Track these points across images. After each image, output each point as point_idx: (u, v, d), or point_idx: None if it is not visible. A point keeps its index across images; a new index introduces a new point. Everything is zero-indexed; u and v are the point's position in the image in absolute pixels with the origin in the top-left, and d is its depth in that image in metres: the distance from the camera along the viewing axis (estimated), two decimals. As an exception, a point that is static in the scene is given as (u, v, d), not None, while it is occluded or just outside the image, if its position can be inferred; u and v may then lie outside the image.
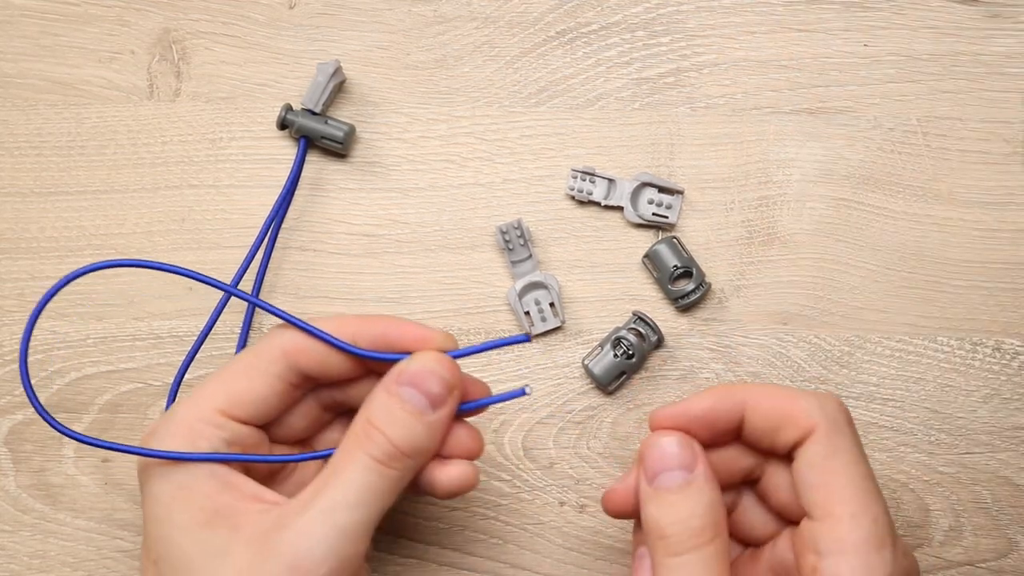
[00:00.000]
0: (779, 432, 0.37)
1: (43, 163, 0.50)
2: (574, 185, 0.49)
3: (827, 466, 0.36)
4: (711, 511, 0.36)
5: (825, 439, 0.36)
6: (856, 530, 0.35)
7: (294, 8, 0.51)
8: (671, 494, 0.37)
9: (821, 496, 0.36)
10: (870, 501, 0.36)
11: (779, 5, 0.51)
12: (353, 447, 0.37)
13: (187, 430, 0.37)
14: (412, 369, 0.38)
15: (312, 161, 0.50)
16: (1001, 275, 0.49)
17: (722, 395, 0.38)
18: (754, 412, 0.38)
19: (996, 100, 0.50)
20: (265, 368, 0.38)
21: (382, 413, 0.37)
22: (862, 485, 0.36)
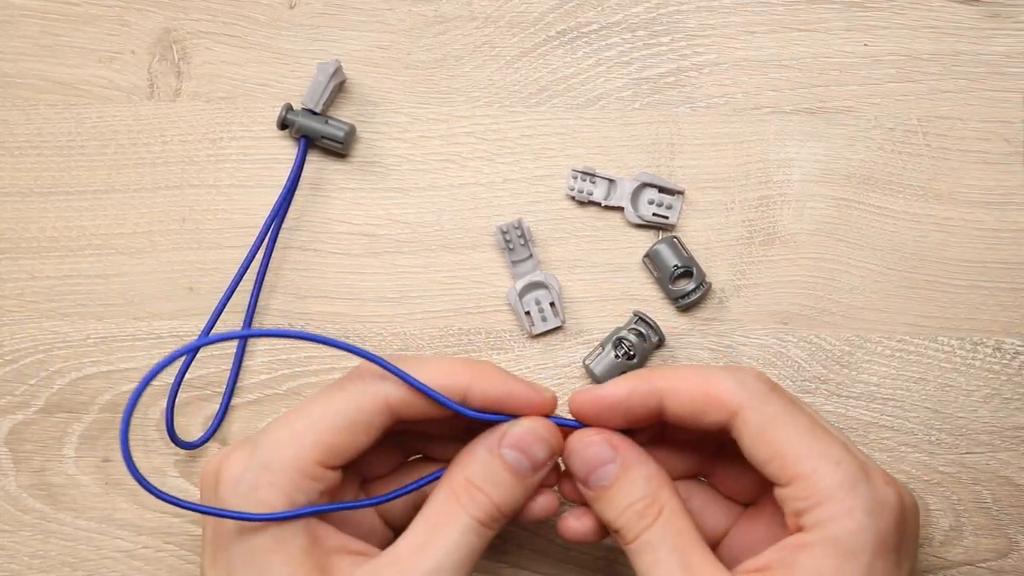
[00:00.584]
0: (704, 416, 0.37)
1: (43, 163, 0.50)
2: (574, 185, 0.49)
3: (768, 437, 0.36)
4: (648, 490, 0.37)
5: (755, 412, 0.36)
6: (822, 480, 0.35)
7: (294, 8, 0.51)
8: (607, 490, 0.37)
9: (777, 466, 0.36)
10: (825, 448, 0.36)
11: (779, 5, 0.51)
12: (455, 507, 0.36)
13: (287, 482, 0.36)
14: (519, 433, 0.37)
15: (312, 161, 0.50)
16: (1001, 275, 0.49)
17: (638, 383, 0.38)
18: (673, 400, 0.38)
19: (996, 100, 0.50)
20: (368, 421, 0.37)
21: (486, 474, 0.37)
22: (811, 439, 0.36)
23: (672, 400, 0.38)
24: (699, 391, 0.37)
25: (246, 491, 0.36)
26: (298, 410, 0.37)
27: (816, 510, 0.35)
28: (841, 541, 0.35)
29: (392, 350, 0.49)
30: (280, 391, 0.49)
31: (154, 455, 0.49)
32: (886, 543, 0.35)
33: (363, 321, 0.49)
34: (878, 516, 0.35)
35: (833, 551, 0.35)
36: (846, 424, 0.48)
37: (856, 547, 0.34)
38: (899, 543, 0.35)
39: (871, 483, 0.36)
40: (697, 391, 0.37)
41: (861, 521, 0.35)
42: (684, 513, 0.37)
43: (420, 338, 0.49)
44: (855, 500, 0.35)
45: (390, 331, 0.49)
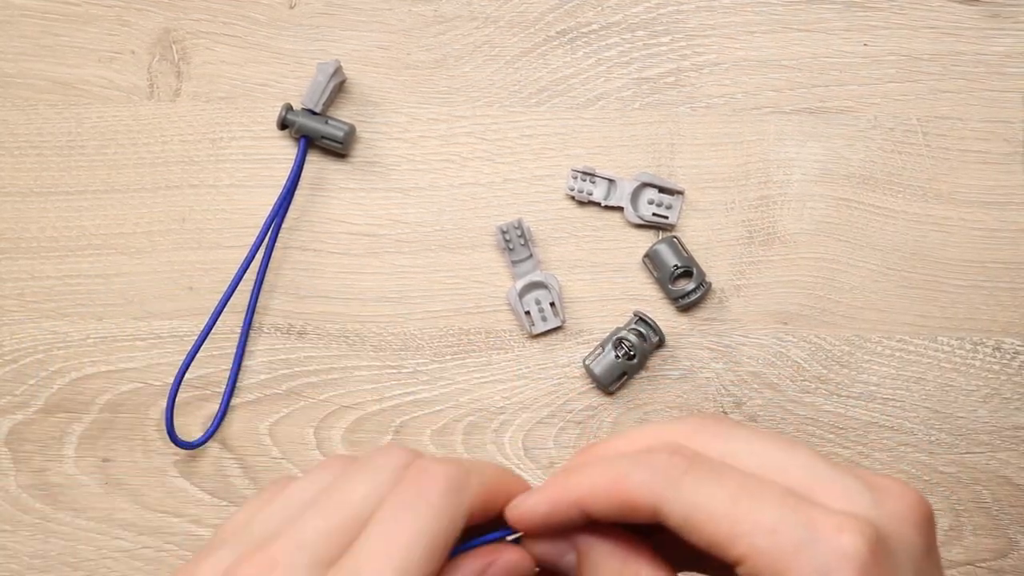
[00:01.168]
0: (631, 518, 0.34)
1: (43, 163, 0.50)
2: (574, 185, 0.49)
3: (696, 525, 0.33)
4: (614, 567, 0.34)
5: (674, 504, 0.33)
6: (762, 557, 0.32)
7: (294, 8, 0.51)
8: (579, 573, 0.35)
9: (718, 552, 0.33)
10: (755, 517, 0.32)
11: (779, 5, 0.51)
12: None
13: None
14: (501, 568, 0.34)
15: (312, 161, 0.50)
16: (1001, 275, 0.49)
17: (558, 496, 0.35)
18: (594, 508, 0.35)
19: (996, 100, 0.50)
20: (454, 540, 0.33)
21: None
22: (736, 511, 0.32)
23: (593, 510, 0.34)
24: (613, 497, 0.34)
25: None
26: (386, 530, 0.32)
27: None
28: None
29: (392, 350, 0.49)
30: (280, 391, 0.49)
31: (154, 455, 0.49)
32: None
33: (363, 321, 0.49)
34: (836, 572, 0.31)
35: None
36: (846, 424, 0.48)
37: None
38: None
39: (819, 539, 0.32)
40: (611, 497, 0.34)
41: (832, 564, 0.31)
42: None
43: (420, 338, 0.49)
44: (802, 566, 0.31)
45: (390, 331, 0.49)
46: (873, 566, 0.32)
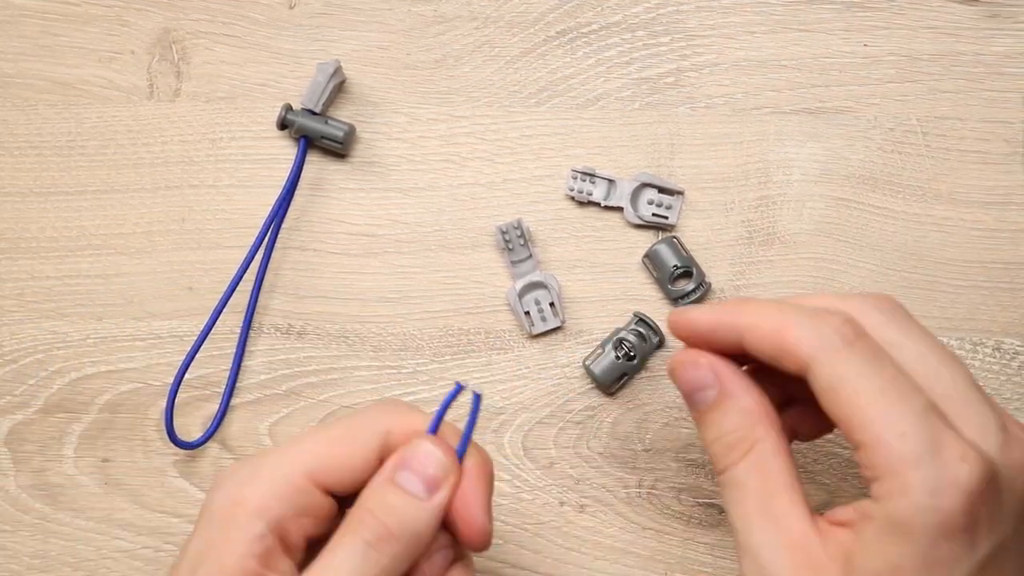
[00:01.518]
0: (780, 362, 0.36)
1: (43, 163, 0.50)
2: (574, 186, 0.49)
3: (837, 397, 0.34)
4: (740, 423, 0.36)
5: (826, 368, 0.34)
6: (883, 452, 0.33)
7: (294, 8, 0.51)
8: (707, 413, 0.37)
9: (845, 428, 0.34)
10: (893, 417, 0.33)
11: (779, 5, 0.51)
12: (345, 531, 0.36)
13: (268, 484, 0.36)
14: (409, 453, 0.37)
15: (312, 161, 0.50)
16: (1001, 275, 0.49)
17: (722, 316, 0.37)
18: (751, 340, 0.36)
19: (996, 100, 0.50)
20: (364, 440, 0.37)
21: (377, 497, 0.36)
22: (879, 404, 0.33)
23: (750, 340, 0.36)
24: (775, 336, 0.35)
25: (229, 487, 0.36)
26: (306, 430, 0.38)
27: (878, 483, 0.33)
28: (897, 521, 0.33)
29: (392, 350, 0.49)
30: (280, 391, 0.49)
31: (154, 455, 0.49)
32: (950, 525, 0.32)
33: (363, 321, 0.49)
34: (942, 496, 0.32)
35: (890, 529, 0.33)
36: (846, 424, 0.48)
37: (913, 529, 0.32)
38: (972, 522, 0.33)
39: (939, 459, 0.33)
40: (773, 336, 0.35)
41: (919, 502, 0.32)
42: (779, 453, 0.35)
43: (420, 338, 0.49)
44: (916, 479, 0.32)
45: (390, 331, 0.49)
46: (979, 501, 0.33)
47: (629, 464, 0.48)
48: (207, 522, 0.36)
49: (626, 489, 0.48)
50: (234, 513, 0.35)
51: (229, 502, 0.35)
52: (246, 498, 0.35)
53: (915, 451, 0.33)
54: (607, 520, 0.48)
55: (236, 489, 0.36)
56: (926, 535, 0.32)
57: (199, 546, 0.35)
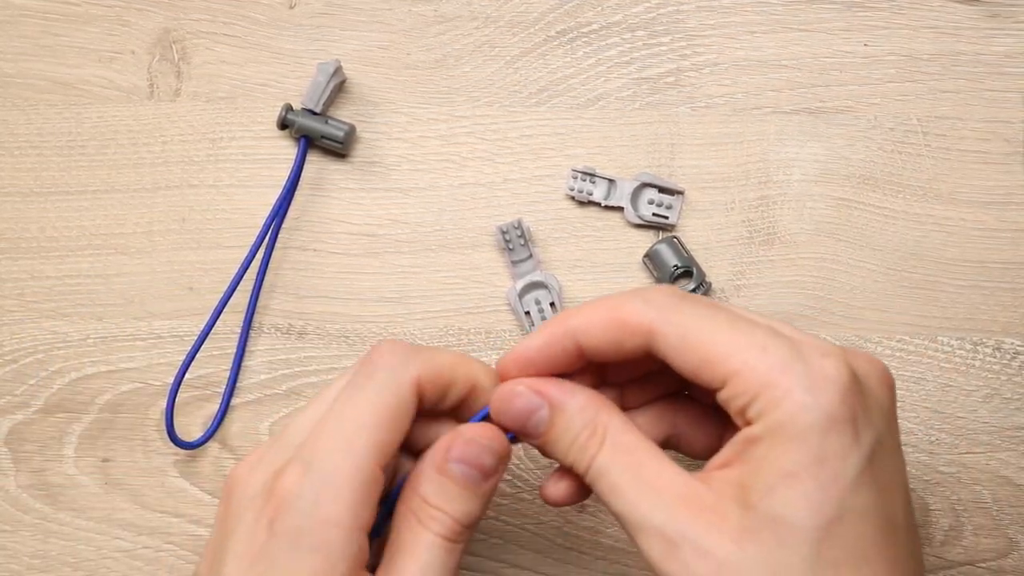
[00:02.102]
0: (622, 345, 0.36)
1: (43, 163, 0.50)
2: (574, 186, 0.49)
3: (689, 344, 0.35)
4: (584, 420, 0.36)
5: (669, 325, 0.35)
6: (753, 370, 0.34)
7: (294, 8, 0.51)
8: (546, 436, 0.37)
9: (707, 372, 0.34)
10: (749, 338, 0.34)
11: (779, 5, 0.51)
12: (418, 528, 0.35)
13: (352, 495, 0.34)
14: (463, 446, 0.36)
15: (312, 161, 0.50)
16: (1001, 275, 0.49)
17: (552, 328, 0.37)
18: (588, 336, 0.36)
19: (996, 100, 0.50)
20: (408, 408, 0.36)
21: (439, 491, 0.36)
22: (732, 333, 0.34)
23: (587, 337, 0.36)
24: (610, 321, 0.36)
25: (309, 509, 0.33)
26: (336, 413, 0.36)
27: (756, 402, 0.33)
28: (785, 426, 0.33)
29: (392, 350, 0.49)
30: (280, 391, 0.49)
31: (154, 455, 0.49)
32: (834, 417, 0.33)
33: (363, 321, 0.49)
34: (819, 392, 0.33)
35: (780, 438, 0.33)
36: (846, 424, 0.48)
37: (801, 429, 0.33)
38: (852, 414, 0.33)
39: (805, 360, 0.34)
40: (609, 324, 0.36)
41: (800, 401, 0.33)
42: (628, 428, 0.36)
43: (420, 338, 0.49)
44: (790, 381, 0.33)
45: (390, 331, 0.49)
46: (853, 395, 0.33)
47: (629, 464, 0.48)
48: (291, 547, 0.33)
49: (626, 489, 0.48)
50: (331, 536, 0.33)
51: (320, 524, 0.33)
52: (341, 515, 0.34)
53: (782, 359, 0.33)
54: (607, 520, 0.48)
55: (320, 509, 0.33)
56: (812, 433, 0.33)
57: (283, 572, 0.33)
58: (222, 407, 0.48)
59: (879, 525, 0.33)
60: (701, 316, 0.35)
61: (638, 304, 0.35)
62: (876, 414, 0.34)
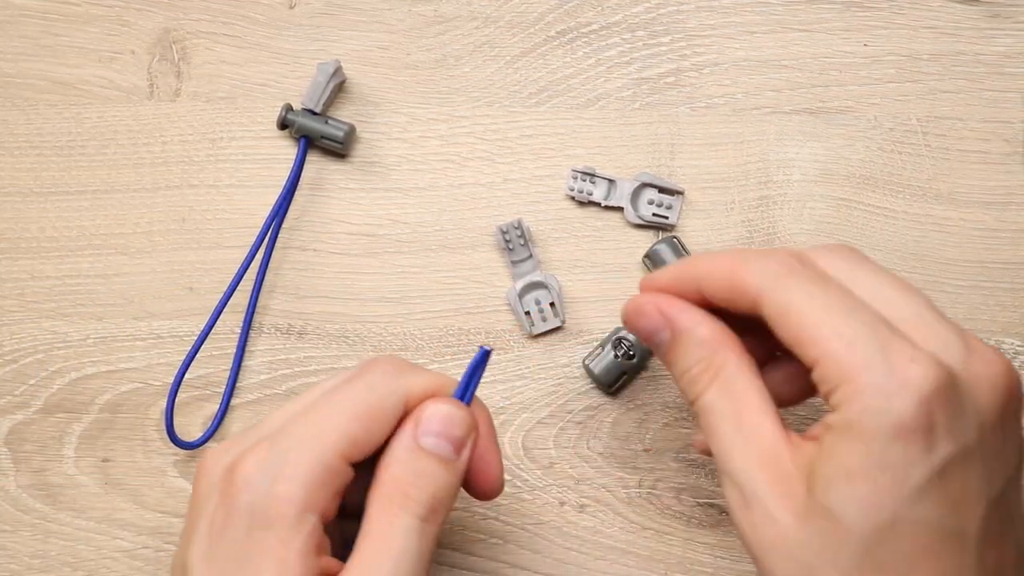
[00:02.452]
0: (735, 303, 0.36)
1: (43, 163, 0.50)
2: (574, 186, 0.49)
3: (787, 322, 0.35)
4: (701, 354, 0.37)
5: (773, 296, 0.35)
6: (835, 362, 0.34)
7: (294, 8, 0.51)
8: (668, 354, 0.38)
9: (799, 351, 0.35)
10: (840, 328, 0.34)
11: (779, 5, 0.51)
12: (392, 511, 0.35)
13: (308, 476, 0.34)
14: (430, 418, 0.36)
15: (312, 161, 0.50)
16: (1001, 275, 0.49)
17: (681, 271, 0.38)
18: (709, 287, 0.37)
19: (996, 100, 0.50)
20: (390, 412, 0.36)
21: (413, 469, 0.36)
22: (825, 319, 0.34)
23: (708, 288, 0.37)
24: (727, 279, 0.37)
25: (264, 486, 0.34)
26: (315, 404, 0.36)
27: (835, 393, 0.34)
28: (854, 425, 0.33)
29: (392, 350, 0.49)
30: (280, 391, 0.49)
31: (154, 455, 0.49)
32: (903, 427, 0.32)
33: (363, 321, 0.49)
34: (893, 397, 0.33)
35: (849, 435, 0.33)
36: (846, 424, 0.48)
37: (869, 431, 0.33)
38: (927, 423, 0.33)
39: (889, 362, 0.33)
40: (726, 279, 0.37)
41: (870, 404, 0.33)
42: (744, 373, 0.36)
43: (420, 338, 0.49)
44: (867, 382, 0.33)
45: (390, 331, 0.49)
46: (936, 404, 0.33)
47: (629, 464, 0.48)
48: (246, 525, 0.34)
49: (626, 489, 0.48)
50: (284, 513, 0.34)
51: (274, 502, 0.34)
52: (295, 495, 0.34)
53: (864, 356, 0.33)
54: (607, 520, 0.48)
55: (276, 487, 0.34)
56: (878, 437, 0.33)
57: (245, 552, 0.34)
58: (222, 407, 0.48)
59: (939, 537, 0.33)
60: (804, 293, 0.35)
61: (753, 267, 0.36)
62: (970, 424, 0.34)
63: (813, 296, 0.35)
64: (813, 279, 0.36)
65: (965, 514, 0.33)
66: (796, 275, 0.36)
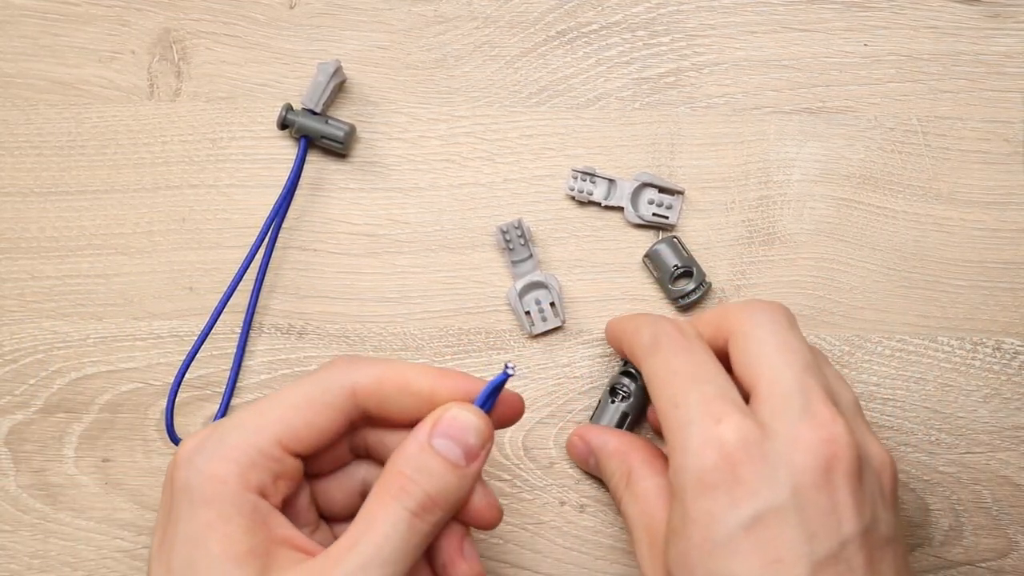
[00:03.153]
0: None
1: (43, 163, 0.50)
2: (574, 185, 0.49)
3: (650, 392, 0.39)
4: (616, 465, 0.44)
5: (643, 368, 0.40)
6: (667, 430, 0.38)
7: (294, 8, 0.51)
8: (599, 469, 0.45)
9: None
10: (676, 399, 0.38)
11: (779, 5, 0.51)
12: (387, 499, 0.35)
13: (243, 457, 0.35)
14: (449, 421, 0.37)
15: (312, 161, 0.50)
16: (1001, 275, 0.49)
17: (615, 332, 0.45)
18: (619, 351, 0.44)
19: (996, 100, 0.50)
20: (332, 403, 0.37)
21: (417, 464, 0.36)
22: (667, 390, 0.38)
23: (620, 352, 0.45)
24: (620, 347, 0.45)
25: (200, 465, 0.35)
26: (267, 397, 0.37)
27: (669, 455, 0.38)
28: (673, 485, 0.37)
29: (392, 350, 0.49)
30: (280, 391, 0.49)
31: (154, 455, 0.49)
32: (706, 480, 0.35)
33: (363, 321, 0.49)
34: (696, 455, 0.36)
35: (669, 493, 0.38)
36: (846, 424, 0.48)
37: (679, 489, 0.36)
38: (730, 482, 0.35)
39: (701, 423, 0.36)
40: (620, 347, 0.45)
41: (679, 463, 0.36)
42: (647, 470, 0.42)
43: (420, 338, 0.49)
44: (678, 441, 0.36)
45: (390, 331, 0.49)
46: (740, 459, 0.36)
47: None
48: (187, 504, 0.35)
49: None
50: (219, 491, 0.35)
51: (207, 480, 0.35)
52: (227, 473, 0.35)
53: (682, 421, 0.37)
54: (607, 520, 0.48)
55: (209, 465, 0.35)
56: (687, 492, 0.36)
57: (188, 531, 0.35)
58: (222, 407, 0.48)
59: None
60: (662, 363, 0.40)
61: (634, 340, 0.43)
62: (782, 483, 0.35)
63: (668, 365, 0.39)
64: (676, 351, 0.39)
65: (783, 573, 0.34)
66: (661, 348, 0.40)
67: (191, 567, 0.34)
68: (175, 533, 0.35)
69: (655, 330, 0.40)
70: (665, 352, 0.39)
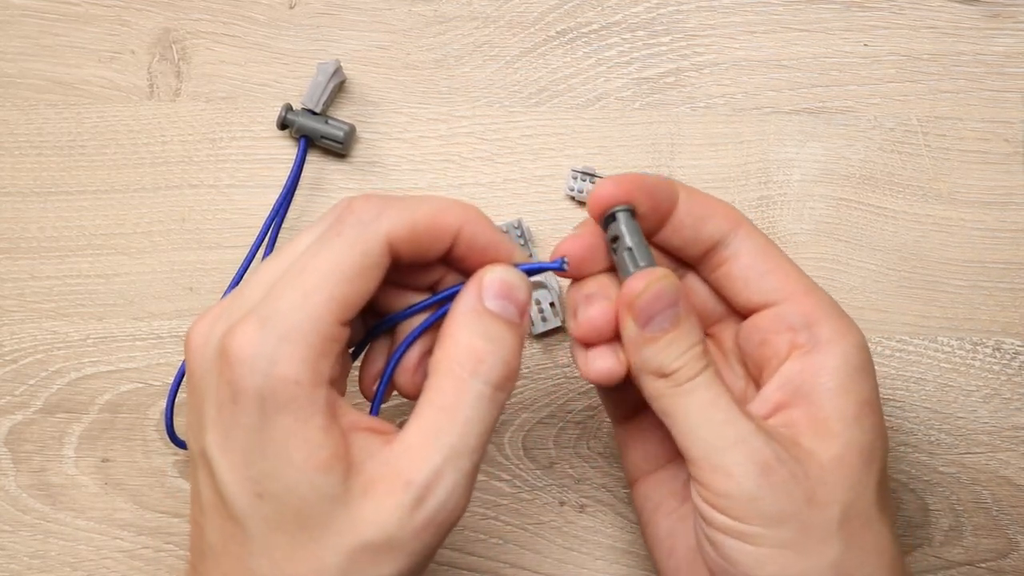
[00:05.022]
0: (706, 221, 0.37)
1: (43, 163, 0.50)
2: (574, 186, 0.49)
3: (769, 255, 0.37)
4: (701, 334, 0.36)
5: (756, 234, 0.38)
6: (818, 304, 0.37)
7: (294, 8, 0.51)
8: (667, 332, 0.35)
9: (778, 280, 0.37)
10: (812, 284, 0.38)
11: (779, 5, 0.51)
12: (462, 379, 0.33)
13: (310, 351, 0.32)
14: (498, 281, 0.35)
15: (312, 161, 0.50)
16: (1001, 275, 0.49)
17: (663, 181, 0.37)
18: (685, 202, 0.37)
19: (996, 100, 0.50)
20: (375, 263, 0.34)
21: (481, 332, 0.34)
22: (801, 273, 0.38)
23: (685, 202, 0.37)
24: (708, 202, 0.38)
25: (266, 368, 0.31)
26: (298, 268, 0.33)
27: (819, 328, 0.36)
28: (851, 357, 0.36)
29: (392, 350, 0.49)
30: (280, 391, 0.49)
31: (154, 455, 0.49)
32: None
33: (363, 321, 0.49)
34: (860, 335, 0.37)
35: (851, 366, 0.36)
36: (846, 424, 0.48)
37: (865, 363, 0.36)
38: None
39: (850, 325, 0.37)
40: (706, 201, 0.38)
41: (859, 338, 0.36)
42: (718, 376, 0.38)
43: (420, 338, 0.49)
44: (847, 326, 0.36)
45: (390, 331, 0.49)
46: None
47: (629, 464, 0.48)
48: (258, 412, 0.32)
49: (626, 489, 0.48)
50: (293, 394, 0.32)
51: (280, 384, 0.32)
52: (299, 373, 0.32)
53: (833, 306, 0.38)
54: (607, 520, 0.48)
55: (277, 369, 0.32)
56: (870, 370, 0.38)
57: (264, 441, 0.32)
58: (222, 407, 0.48)
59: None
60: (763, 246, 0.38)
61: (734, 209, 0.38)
62: None
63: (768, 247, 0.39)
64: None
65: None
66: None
67: (275, 478, 0.32)
68: (249, 440, 0.32)
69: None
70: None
